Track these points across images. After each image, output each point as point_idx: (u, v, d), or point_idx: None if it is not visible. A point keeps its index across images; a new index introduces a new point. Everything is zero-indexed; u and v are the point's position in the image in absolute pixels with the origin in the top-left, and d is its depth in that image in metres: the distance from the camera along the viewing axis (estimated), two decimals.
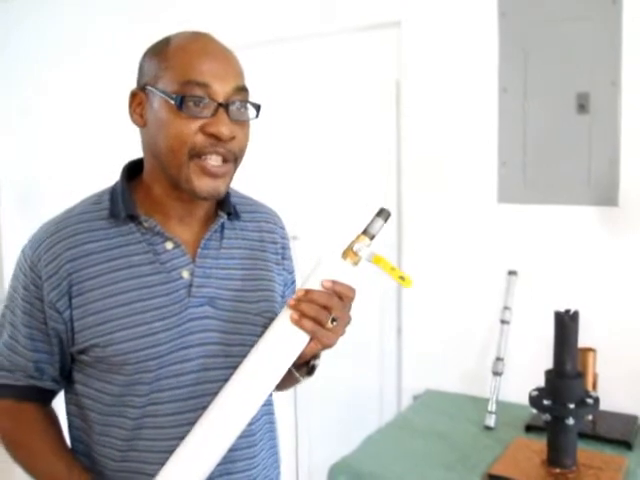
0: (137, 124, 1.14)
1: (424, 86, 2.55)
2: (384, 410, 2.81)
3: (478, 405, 2.35)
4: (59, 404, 1.25)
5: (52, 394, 1.22)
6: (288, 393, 3.03)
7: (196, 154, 1.06)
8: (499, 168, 2.42)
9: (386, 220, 1.14)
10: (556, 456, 1.83)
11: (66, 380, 1.19)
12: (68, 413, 1.21)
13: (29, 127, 3.70)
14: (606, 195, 2.24)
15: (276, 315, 1.18)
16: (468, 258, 2.50)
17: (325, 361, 3.03)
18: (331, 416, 2.95)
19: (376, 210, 1.14)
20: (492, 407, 2.22)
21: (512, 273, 2.38)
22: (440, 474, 1.91)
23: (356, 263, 1.10)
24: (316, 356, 1.18)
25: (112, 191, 1.18)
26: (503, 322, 2.35)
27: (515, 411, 2.26)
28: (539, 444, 1.95)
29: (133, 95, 1.14)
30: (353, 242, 1.10)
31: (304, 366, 1.19)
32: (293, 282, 1.36)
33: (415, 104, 2.57)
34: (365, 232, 1.12)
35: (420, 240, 2.60)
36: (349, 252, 1.10)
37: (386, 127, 2.71)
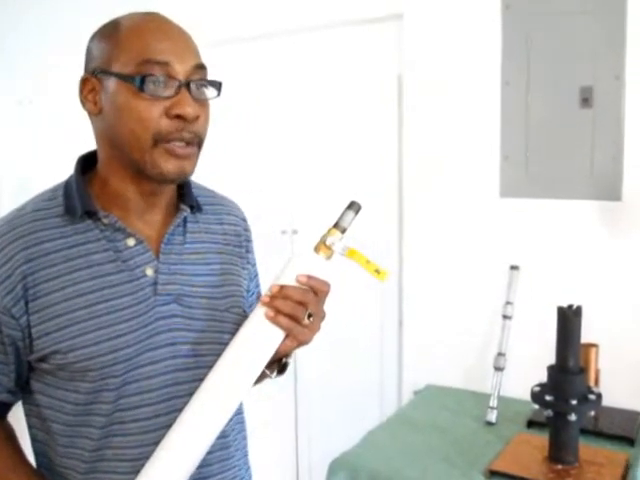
0: (90, 112, 1.06)
1: (426, 80, 2.53)
2: (385, 405, 2.80)
3: (479, 400, 2.34)
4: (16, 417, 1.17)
5: (7, 407, 1.12)
6: (288, 388, 3.03)
7: (162, 139, 1.00)
8: (501, 162, 2.40)
9: (357, 213, 1.10)
10: (558, 452, 1.82)
11: (23, 391, 1.10)
12: (29, 426, 1.12)
13: (27, 124, 3.69)
14: (609, 189, 2.22)
15: (244, 310, 1.16)
16: (470, 252, 2.49)
17: (326, 356, 3.04)
18: (331, 411, 2.94)
19: (347, 203, 1.11)
20: (493, 402, 2.21)
21: (514, 268, 2.37)
22: (441, 470, 1.90)
23: (329, 257, 1.07)
24: (288, 354, 1.13)
25: (66, 186, 1.09)
26: (505, 317, 2.34)
27: (517, 407, 2.25)
28: (541, 440, 1.94)
29: (83, 81, 1.06)
30: (325, 236, 1.07)
31: (275, 363, 1.14)
32: (256, 275, 1.31)
33: (417, 98, 2.56)
34: (336, 225, 1.08)
35: (422, 234, 2.59)
36: (321, 246, 1.07)
37: (388, 121, 2.69)
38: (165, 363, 1.06)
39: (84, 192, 1.07)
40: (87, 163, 1.12)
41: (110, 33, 1.04)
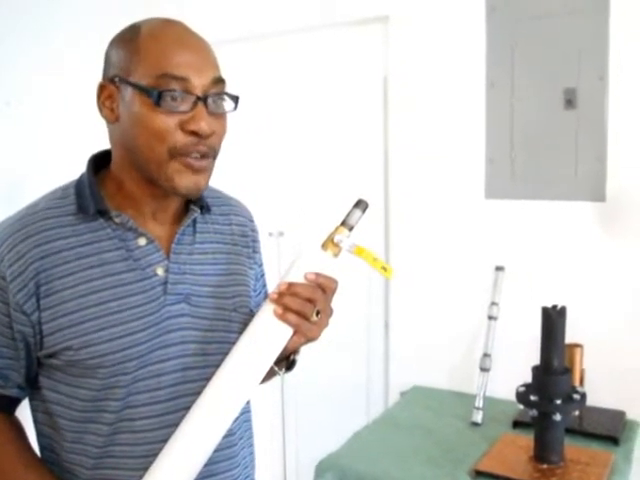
0: (107, 119, 1.07)
1: (412, 81, 2.54)
2: (371, 406, 2.80)
3: (465, 401, 2.34)
4: (21, 411, 1.17)
5: (16, 402, 1.13)
6: (275, 389, 3.02)
7: (178, 153, 1.01)
8: (486, 164, 2.41)
9: (364, 211, 1.12)
10: (543, 452, 1.83)
11: (31, 387, 1.11)
12: (35, 421, 1.14)
13: (16, 122, 3.67)
14: (593, 190, 2.23)
15: (251, 310, 1.16)
16: (455, 254, 2.49)
17: (312, 357, 3.02)
18: (318, 412, 2.94)
19: (354, 201, 1.13)
20: (479, 403, 2.22)
21: (499, 269, 2.38)
22: (427, 470, 1.91)
23: (336, 255, 1.08)
24: (296, 350, 1.16)
25: (78, 185, 1.11)
26: (490, 318, 2.35)
27: (502, 407, 2.26)
28: (526, 440, 1.94)
29: (101, 87, 1.06)
30: (332, 233, 1.09)
31: (284, 361, 1.16)
32: (262, 275, 1.33)
33: (402, 100, 2.56)
34: (344, 223, 1.10)
35: (408, 236, 2.59)
36: (329, 243, 1.08)
37: (374, 123, 2.70)
38: (175, 361, 1.07)
39: (97, 191, 1.08)
40: (100, 161, 1.14)
41: (129, 40, 1.04)
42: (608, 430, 2.06)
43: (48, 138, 3.49)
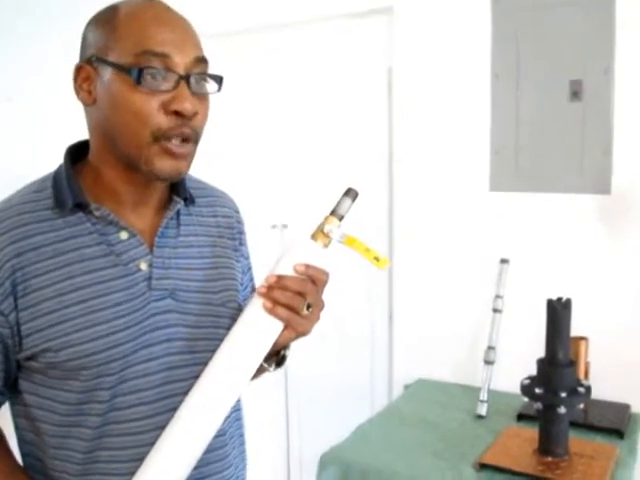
0: (84, 102, 1.02)
1: (416, 73, 2.53)
2: (375, 399, 2.80)
3: (470, 394, 2.34)
4: (2, 417, 1.13)
5: None
6: (279, 382, 3.02)
7: (161, 136, 0.97)
8: (491, 156, 2.40)
9: (354, 200, 1.06)
10: (548, 445, 1.83)
11: (11, 391, 1.05)
12: (17, 427, 1.08)
13: (13, 119, 3.66)
14: (599, 183, 2.23)
15: (239, 305, 1.13)
16: (460, 246, 2.48)
17: (316, 350, 3.03)
18: (322, 405, 2.94)
19: (344, 190, 1.07)
20: (484, 396, 2.22)
21: (504, 261, 2.37)
22: (431, 463, 1.90)
23: (327, 245, 1.04)
24: (286, 346, 1.12)
25: (55, 177, 1.05)
26: (495, 311, 2.34)
27: (507, 400, 2.25)
28: (531, 433, 1.94)
29: (78, 69, 1.01)
30: (322, 224, 1.04)
31: (273, 356, 1.11)
32: (249, 268, 1.28)
33: (407, 91, 2.55)
34: (333, 213, 1.05)
35: (412, 228, 2.58)
36: (319, 234, 1.03)
37: (378, 114, 2.69)
38: (161, 360, 1.03)
39: (75, 184, 1.03)
40: (77, 153, 1.08)
41: (107, 19, 1.00)
42: (613, 423, 2.05)
43: (46, 135, 3.48)
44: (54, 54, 3.49)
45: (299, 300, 1.01)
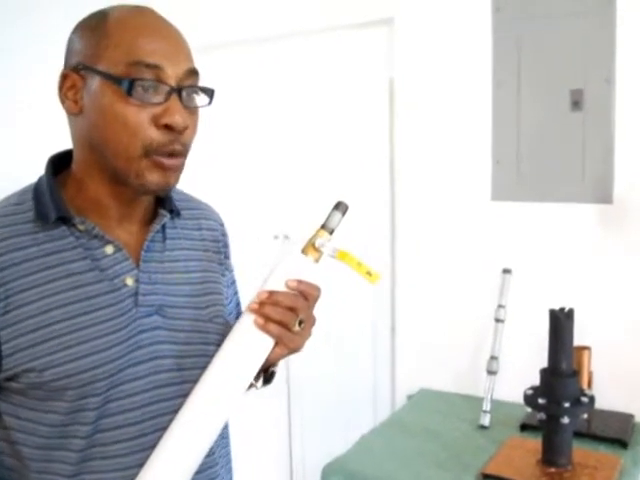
0: (70, 111, 0.98)
1: (417, 83, 2.53)
2: (378, 409, 2.80)
3: (472, 404, 2.33)
4: None
5: None
6: (281, 393, 3.02)
7: (153, 151, 0.94)
8: (493, 165, 2.41)
9: (344, 213, 1.04)
10: (551, 455, 1.82)
11: None
12: None
13: (13, 122, 3.67)
14: (600, 192, 2.23)
15: (225, 320, 1.10)
16: (462, 256, 2.48)
17: (319, 360, 3.03)
18: (325, 416, 2.93)
19: (334, 204, 1.06)
20: (487, 406, 2.21)
21: (506, 271, 2.37)
22: (434, 474, 1.90)
23: (317, 260, 1.02)
24: (275, 362, 1.08)
25: (36, 189, 1.00)
26: (497, 321, 2.34)
27: (510, 410, 2.25)
28: (534, 443, 1.93)
29: (63, 77, 0.97)
30: (313, 238, 1.02)
31: (261, 372, 1.07)
32: (233, 282, 1.25)
33: (408, 101, 2.56)
34: (324, 227, 1.03)
35: (414, 238, 2.58)
36: (310, 248, 1.02)
37: (379, 124, 2.69)
38: (148, 379, 0.99)
39: (57, 196, 0.98)
40: (59, 163, 1.04)
41: (96, 26, 0.96)
42: (616, 433, 2.05)
43: (42, 141, 3.49)
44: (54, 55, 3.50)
45: (291, 316, 0.99)
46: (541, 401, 1.78)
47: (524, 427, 2.13)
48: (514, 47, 2.32)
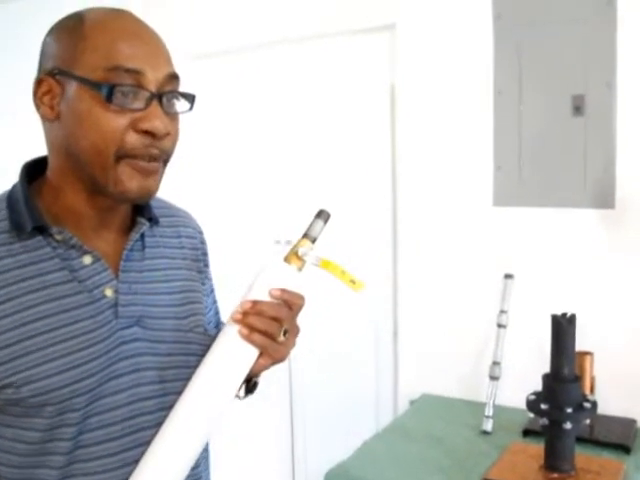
0: (46, 117, 0.94)
1: (419, 89, 2.54)
2: (380, 415, 2.79)
3: (475, 409, 2.33)
4: None
5: None
6: (283, 398, 3.02)
7: (125, 155, 0.91)
8: (494, 171, 2.41)
9: (326, 222, 1.04)
10: (554, 461, 1.81)
11: None
12: None
13: (21, 130, 3.68)
14: (602, 197, 2.23)
15: (205, 329, 1.08)
16: (464, 261, 2.48)
17: (322, 366, 3.03)
18: (327, 421, 2.93)
19: (316, 212, 1.06)
20: (489, 411, 2.21)
21: (508, 276, 2.37)
22: (437, 479, 1.89)
23: (300, 268, 1.01)
24: (259, 373, 1.06)
25: (9, 198, 0.97)
26: (500, 326, 2.34)
27: (512, 415, 2.24)
28: (536, 448, 1.93)
29: (39, 82, 0.93)
30: (295, 246, 1.01)
31: (243, 383, 1.05)
32: (212, 290, 1.23)
33: (410, 107, 2.56)
34: (306, 235, 1.03)
35: (416, 244, 2.58)
36: (293, 257, 1.01)
37: (381, 130, 2.70)
38: (129, 392, 0.96)
39: (33, 205, 0.95)
40: (34, 170, 1.01)
41: (72, 28, 0.93)
42: (619, 438, 2.04)
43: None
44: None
45: (275, 326, 0.97)
46: (543, 406, 1.77)
47: (526, 432, 2.12)
48: (515, 53, 2.33)
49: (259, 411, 3.00)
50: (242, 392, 1.07)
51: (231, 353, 0.98)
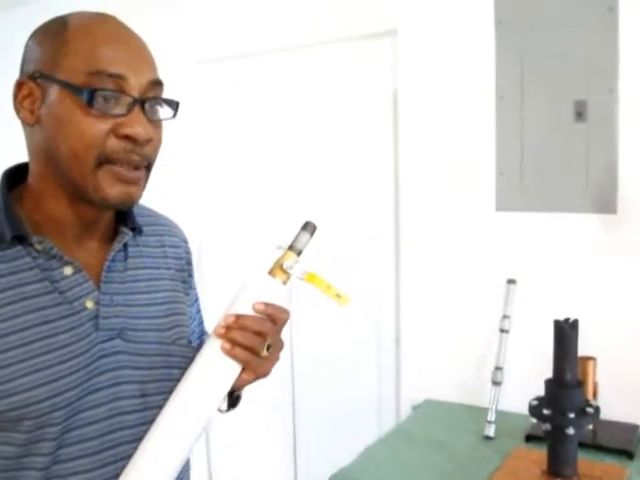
0: (26, 121, 0.93)
1: (421, 94, 2.54)
2: (383, 420, 2.79)
3: (477, 415, 2.33)
4: None
5: None
6: (287, 403, 3.01)
7: (106, 160, 0.89)
8: (497, 176, 2.41)
9: (312, 234, 1.02)
10: (556, 466, 1.81)
11: None
12: None
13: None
14: (604, 202, 2.23)
15: (189, 341, 1.07)
16: (467, 267, 2.49)
17: (324, 371, 3.02)
18: (329, 427, 2.93)
19: (301, 224, 1.04)
20: (491, 417, 2.21)
21: (511, 282, 2.37)
22: None
23: (285, 282, 0.99)
24: (241, 388, 1.05)
25: None
26: (502, 331, 2.34)
27: (515, 421, 2.24)
28: (539, 454, 1.93)
29: (19, 85, 0.92)
30: (280, 259, 0.99)
31: (226, 397, 1.03)
32: (197, 300, 1.21)
33: (412, 113, 2.57)
34: (291, 248, 1.00)
35: (418, 249, 2.59)
36: (277, 270, 0.99)
37: (383, 136, 2.70)
38: (109, 406, 0.94)
39: (12, 213, 0.92)
40: (15, 176, 0.98)
41: (55, 32, 0.91)
42: (622, 444, 2.04)
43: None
44: None
45: (259, 341, 0.95)
46: (546, 412, 1.77)
47: (529, 438, 2.12)
48: (517, 58, 2.33)
49: (262, 416, 3.00)
50: (224, 406, 1.05)
51: (213, 368, 0.96)
